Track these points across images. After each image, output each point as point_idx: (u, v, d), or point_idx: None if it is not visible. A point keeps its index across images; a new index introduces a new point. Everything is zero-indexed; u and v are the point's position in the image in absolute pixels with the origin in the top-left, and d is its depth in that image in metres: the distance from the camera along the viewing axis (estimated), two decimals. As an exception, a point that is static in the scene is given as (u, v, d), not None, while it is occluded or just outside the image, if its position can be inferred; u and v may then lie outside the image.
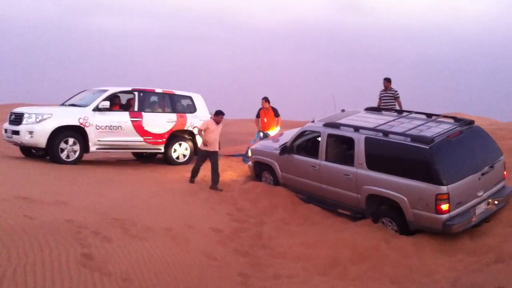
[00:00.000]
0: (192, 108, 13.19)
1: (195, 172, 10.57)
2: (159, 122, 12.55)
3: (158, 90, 12.84)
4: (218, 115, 10.43)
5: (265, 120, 12.91)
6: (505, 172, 8.17)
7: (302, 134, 9.68)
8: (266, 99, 12.93)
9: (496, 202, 7.73)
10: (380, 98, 13.13)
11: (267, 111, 12.91)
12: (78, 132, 11.35)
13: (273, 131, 12.80)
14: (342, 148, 9.05)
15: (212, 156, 10.35)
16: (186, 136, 13.01)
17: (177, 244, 6.49)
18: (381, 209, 8.03)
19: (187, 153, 13.00)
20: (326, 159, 8.86)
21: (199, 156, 10.80)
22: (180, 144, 12.89)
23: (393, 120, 8.68)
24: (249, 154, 11.29)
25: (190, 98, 13.30)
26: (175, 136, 12.80)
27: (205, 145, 10.39)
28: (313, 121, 9.72)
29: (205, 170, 11.73)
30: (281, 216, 8.94)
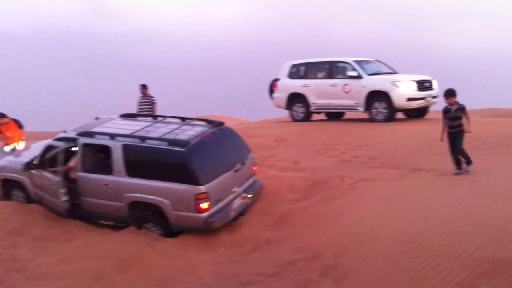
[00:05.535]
0: None
1: None
2: None
3: None
4: None
5: (8, 134, 11.53)
6: (254, 168, 8.96)
7: (52, 146, 8.88)
8: (1, 115, 11.51)
9: (249, 195, 8.43)
10: (138, 105, 13.27)
11: (8, 125, 11.55)
12: None
13: (20, 145, 11.53)
14: (99, 157, 8.67)
15: None
16: None
17: None
18: (143, 215, 7.95)
19: None
20: (83, 170, 8.37)
21: None
22: None
23: (149, 126, 8.67)
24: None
25: None
26: None
27: None
28: (65, 131, 9.05)
29: None
30: (38, 235, 8.12)
